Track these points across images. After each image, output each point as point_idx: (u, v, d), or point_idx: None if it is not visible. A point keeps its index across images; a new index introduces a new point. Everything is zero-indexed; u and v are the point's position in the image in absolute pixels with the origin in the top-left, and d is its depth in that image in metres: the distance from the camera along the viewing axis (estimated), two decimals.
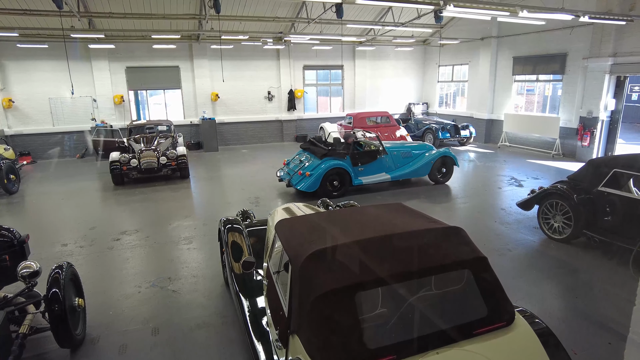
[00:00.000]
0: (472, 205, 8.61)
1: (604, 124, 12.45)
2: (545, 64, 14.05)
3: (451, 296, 2.82)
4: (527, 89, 15.79)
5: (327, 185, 9.17)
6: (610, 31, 11.65)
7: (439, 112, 19.42)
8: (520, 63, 15.01)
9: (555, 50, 13.60)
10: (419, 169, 10.00)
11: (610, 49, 11.75)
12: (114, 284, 5.41)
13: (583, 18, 9.88)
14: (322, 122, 17.58)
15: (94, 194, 10.22)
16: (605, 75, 11.97)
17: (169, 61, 16.08)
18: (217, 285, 5.29)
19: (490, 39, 15.87)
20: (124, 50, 15.29)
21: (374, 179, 9.71)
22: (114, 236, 7.14)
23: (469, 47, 17.11)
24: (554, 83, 14.30)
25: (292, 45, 17.19)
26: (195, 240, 6.86)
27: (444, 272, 2.64)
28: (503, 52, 15.75)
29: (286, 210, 4.74)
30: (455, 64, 18.39)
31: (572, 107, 13.23)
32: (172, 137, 12.35)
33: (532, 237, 6.75)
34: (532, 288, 5.10)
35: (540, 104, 15.18)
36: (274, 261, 3.41)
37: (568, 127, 13.37)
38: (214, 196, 9.81)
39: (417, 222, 3.02)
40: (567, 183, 6.45)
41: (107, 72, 15.26)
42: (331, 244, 2.64)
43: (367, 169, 9.69)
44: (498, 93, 16.20)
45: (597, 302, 4.77)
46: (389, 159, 9.89)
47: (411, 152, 10.13)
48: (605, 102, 12.21)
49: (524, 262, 5.89)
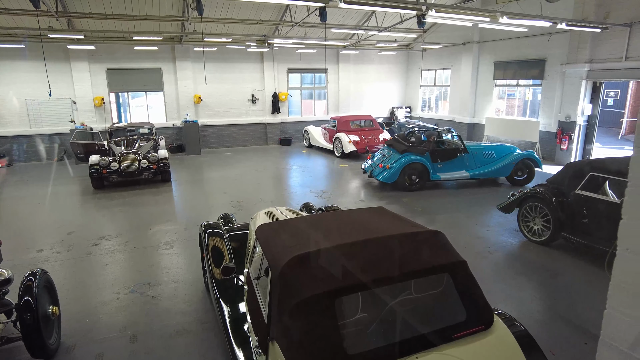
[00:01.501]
0: (454, 208, 8.69)
1: (582, 128, 12.74)
2: (525, 69, 14.33)
3: (431, 300, 2.82)
4: (507, 93, 16.06)
5: (405, 179, 9.86)
6: (587, 38, 11.95)
7: (421, 116, 19.62)
8: (501, 68, 15.28)
9: (535, 56, 13.89)
10: (500, 169, 10.22)
11: (586, 56, 12.05)
12: (91, 291, 5.28)
13: (561, 25, 10.11)
14: (306, 126, 17.57)
15: (72, 198, 9.99)
16: (582, 80, 12.26)
17: (151, 63, 15.87)
18: (197, 291, 5.21)
19: (471, 44, 16.12)
20: (105, 52, 15.04)
21: (453, 175, 10.14)
22: (92, 241, 6.99)
23: (451, 52, 17.35)
24: (534, 88, 14.58)
25: (276, 49, 17.16)
26: (176, 245, 6.76)
27: (424, 276, 2.65)
28: (484, 57, 16.01)
29: (268, 214, 4.70)
30: (437, 69, 18.61)
31: (551, 111, 13.51)
32: (153, 139, 12.17)
33: (513, 239, 6.85)
34: (512, 290, 5.16)
35: (520, 108, 15.46)
36: (255, 266, 3.37)
37: (547, 130, 13.64)
38: (196, 200, 9.69)
39: (398, 226, 3.02)
40: (546, 186, 6.56)
41: (87, 74, 14.98)
42: (311, 249, 2.62)
43: (446, 166, 10.14)
44: (479, 97, 16.45)
45: (575, 304, 4.85)
46: (470, 158, 10.25)
47: (494, 153, 10.39)
48: (582, 107, 12.51)
49: (504, 264, 5.96)
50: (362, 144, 14.34)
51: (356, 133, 14.78)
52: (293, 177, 11.97)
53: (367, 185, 10.76)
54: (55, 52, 14.44)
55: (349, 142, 14.26)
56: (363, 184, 10.87)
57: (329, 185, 10.81)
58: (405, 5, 8.87)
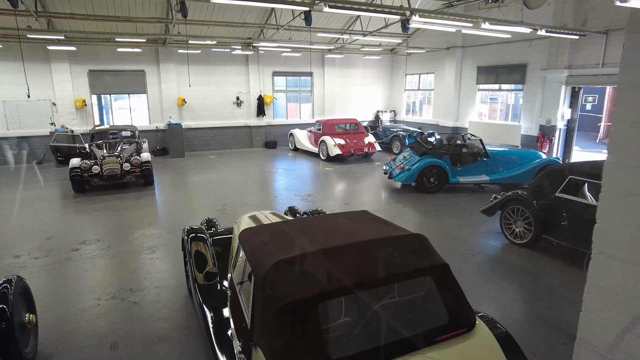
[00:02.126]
0: (437, 211, 8.77)
1: (561, 132, 13.02)
2: (507, 74, 14.59)
3: (414, 303, 2.84)
4: (490, 97, 16.33)
5: (424, 181, 10.05)
6: (566, 44, 12.23)
7: (406, 119, 19.79)
8: (484, 73, 15.53)
9: (516, 61, 14.16)
10: (522, 174, 10.15)
11: (565, 61, 12.34)
12: (71, 297, 5.16)
13: (541, 31, 10.33)
14: (291, 129, 17.56)
15: (52, 202, 9.78)
16: (562, 85, 12.54)
17: (134, 65, 15.67)
18: (180, 296, 5.14)
19: (455, 48, 16.35)
20: (87, 53, 14.79)
21: (472, 179, 10.22)
22: (72, 246, 6.84)
23: (435, 57, 17.56)
24: (516, 92, 14.85)
25: (261, 52, 17.13)
26: (159, 250, 6.67)
27: (406, 279, 2.66)
28: (467, 62, 16.25)
29: (252, 218, 4.67)
30: (421, 73, 18.82)
31: (533, 115, 13.78)
32: (136, 142, 12.01)
33: (495, 242, 6.94)
34: (495, 292, 5.23)
35: (503, 112, 15.73)
36: (238, 271, 3.35)
37: (529, 134, 13.90)
38: (179, 204, 9.59)
39: (381, 230, 3.04)
40: (527, 189, 6.68)
41: (68, 75, 14.71)
42: (295, 254, 2.61)
43: (466, 170, 10.26)
44: (463, 101, 16.68)
45: (555, 305, 4.94)
46: (492, 163, 10.29)
47: (516, 158, 10.40)
48: (562, 111, 12.79)
49: (487, 266, 6.04)
50: (348, 148, 14.39)
51: (341, 136, 14.83)
52: (278, 180, 11.94)
53: (350, 188, 10.79)
54: (35, 52, 14.15)
55: (334, 145, 14.29)
56: (347, 187, 10.90)
57: (315, 189, 10.81)
58: (390, 10, 8.95)
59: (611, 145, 1.71)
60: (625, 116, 1.69)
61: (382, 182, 11.61)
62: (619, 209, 1.64)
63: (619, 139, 1.73)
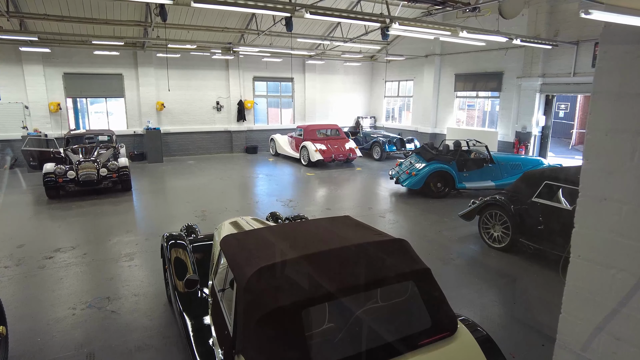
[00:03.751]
0: (417, 216, 8.87)
1: (536, 138, 13.39)
2: (484, 81, 14.94)
3: (396, 308, 2.86)
4: (468, 104, 16.68)
5: (431, 186, 10.21)
6: (540, 54, 12.62)
7: (385, 125, 20.00)
8: (462, 80, 15.86)
9: (493, 69, 14.52)
10: None
11: (539, 70, 12.72)
12: (44, 307, 4.99)
13: (516, 41, 10.63)
14: (272, 134, 17.51)
15: (24, 208, 9.46)
16: (536, 93, 12.92)
17: (111, 68, 15.38)
18: (159, 304, 5.04)
19: (433, 56, 16.65)
20: (61, 55, 14.44)
21: (478, 184, 10.36)
22: (46, 254, 6.63)
23: (414, 64, 17.84)
24: (492, 99, 15.22)
25: (242, 56, 17.07)
26: (137, 257, 6.52)
27: (389, 284, 2.68)
28: (445, 69, 16.57)
29: (233, 224, 4.63)
30: (401, 80, 19.08)
31: (509, 122, 14.13)
32: (113, 147, 11.76)
33: (474, 246, 7.06)
34: (474, 296, 5.31)
35: (480, 119, 16.07)
36: (220, 278, 3.30)
37: (505, 140, 14.24)
38: (158, 210, 9.42)
39: (363, 235, 3.05)
40: (505, 194, 6.83)
41: (42, 78, 14.31)
42: (277, 260, 2.60)
43: (472, 175, 10.36)
44: (441, 108, 16.97)
45: (532, 307, 5.05)
46: (497, 169, 10.39)
47: (520, 164, 10.53)
48: (537, 118, 13.16)
49: (466, 270, 6.13)
50: (329, 153, 14.43)
51: (322, 142, 14.87)
52: (259, 185, 11.87)
53: (332, 193, 10.81)
54: (6, 54, 13.72)
55: (315, 150, 14.31)
56: (329, 193, 10.92)
57: (296, 194, 10.79)
58: (370, 17, 9.06)
59: (587, 152, 1.77)
60: (600, 124, 1.75)
61: (363, 187, 11.68)
62: (595, 213, 1.69)
63: (594, 146, 1.79)
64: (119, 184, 10.78)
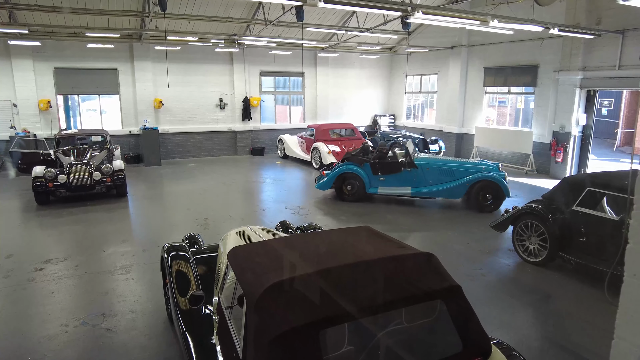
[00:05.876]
0: (443, 227, 8.82)
1: (576, 139, 13.23)
2: (517, 75, 14.82)
3: (423, 330, 2.85)
4: (498, 101, 16.57)
5: (343, 189, 10.54)
6: (579, 44, 12.49)
7: (406, 124, 19.97)
8: (492, 74, 15.76)
9: (527, 61, 14.40)
10: (450, 189, 9.83)
11: (579, 63, 12.58)
12: (34, 323, 5.08)
13: (553, 30, 10.54)
14: (281, 134, 17.60)
15: (11, 215, 9.64)
16: (576, 89, 12.77)
17: (105, 63, 15.64)
18: (159, 322, 5.09)
19: (460, 47, 16.59)
20: (52, 49, 14.73)
21: (393, 190, 10.30)
22: (35, 265, 6.75)
23: (438, 56, 17.80)
24: (526, 95, 15.09)
25: (248, 49, 17.22)
26: (134, 270, 6.61)
27: (415, 303, 2.68)
28: (473, 62, 16.49)
29: (240, 234, 4.67)
30: (423, 74, 19.04)
31: (545, 121, 13.99)
32: (107, 149, 11.94)
33: (507, 260, 6.99)
34: (507, 316, 5.26)
35: (512, 117, 15.95)
36: (227, 294, 3.33)
37: (541, 142, 14.09)
38: (156, 218, 9.52)
39: (386, 247, 3.06)
40: (542, 202, 6.76)
41: (31, 73, 14.60)
42: (292, 275, 2.61)
43: (389, 180, 10.31)
44: (468, 105, 16.88)
45: (574, 330, 4.98)
46: (419, 174, 10.12)
47: (454, 171, 9.94)
48: (576, 117, 13.00)
49: (497, 287, 6.07)
50: (343, 155, 14.44)
51: (336, 143, 14.90)
52: (266, 191, 11.93)
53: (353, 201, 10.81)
54: None
55: (328, 152, 14.34)
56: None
57: (307, 201, 10.82)
58: (390, 5, 9.08)
59: None
60: None
61: None
62: None
63: None
64: (113, 189, 10.92)
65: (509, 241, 7.35)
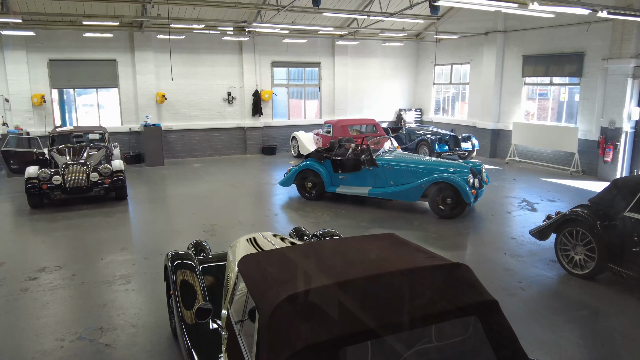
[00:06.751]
0: (476, 234, 8.75)
1: (628, 136, 12.98)
2: (560, 64, 14.63)
3: (455, 349, 2.83)
4: (539, 93, 16.36)
5: (305, 187, 10.98)
6: (632, 29, 12.26)
7: (434, 120, 19.84)
8: (531, 63, 15.58)
9: (571, 48, 14.20)
10: (405, 192, 9.92)
11: (632, 50, 12.35)
12: (28, 337, 5.19)
13: (601, 13, 10.35)
14: (294, 131, 17.66)
15: (3, 219, 9.88)
16: (628, 79, 12.54)
17: (103, 53, 15.90)
18: (162, 338, 5.15)
19: (495, 33, 16.44)
20: (47, 39, 15.04)
21: (351, 190, 10.60)
22: (29, 274, 6.89)
23: (471, 43, 17.66)
24: (570, 87, 14.87)
25: (258, 37, 17.33)
26: (135, 280, 6.70)
27: (447, 319, 2.66)
28: (511, 50, 16.32)
29: (251, 241, 4.70)
30: (454, 63, 18.91)
31: (592, 115, 13.77)
32: (105, 147, 12.15)
33: (549, 272, 6.91)
34: (550, 335, 5.19)
35: (555, 112, 15.72)
36: (237, 307, 3.36)
37: (588, 139, 13.87)
38: (159, 223, 9.64)
39: (413, 257, 3.05)
40: (589, 207, 6.65)
41: (24, 66, 14.93)
42: (309, 287, 2.63)
43: (350, 178, 10.64)
44: (505, 98, 16.71)
45: (626, 353, 4.89)
46: (380, 173, 10.24)
47: (417, 170, 9.90)
48: (629, 111, 12.76)
49: (538, 303, 6.01)
50: None
51: (356, 140, 14.86)
52: (278, 194, 11.98)
53: (369, 204, 10.79)
54: None
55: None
56: (364, 203, 10.89)
57: None
58: None
59: None
60: None
61: None
62: None
63: None
64: (112, 192, 11.10)
65: (550, 251, 7.22)
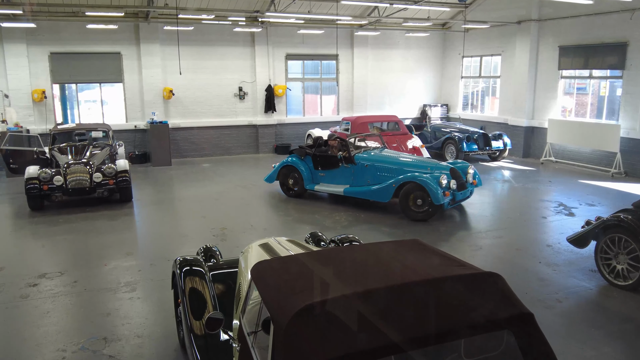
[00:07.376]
0: (508, 241, 8.67)
1: None
2: (600, 55, 14.42)
3: None
4: (577, 87, 16.16)
5: (288, 183, 11.60)
6: None
7: (462, 116, 19.70)
8: (569, 54, 15.38)
9: (612, 38, 13.99)
10: (376, 192, 10.14)
11: None
12: (28, 347, 5.27)
13: None
14: (310, 128, 17.68)
15: (2, 222, 10.06)
16: None
17: (107, 46, 16.09)
18: (169, 349, 5.20)
19: (529, 22, 16.27)
20: (48, 31, 15.27)
21: (329, 188, 11.05)
22: (29, 280, 7.00)
23: (502, 33, 17.50)
24: (612, 80, 14.65)
25: (272, 28, 17.38)
26: (140, 287, 6.76)
27: (477, 333, 2.64)
28: (546, 40, 16.14)
29: (264, 247, 4.72)
30: (484, 55, 18.77)
31: (636, 111, 13.55)
32: (109, 146, 12.28)
33: (588, 283, 6.81)
34: (589, 351, 5.13)
35: (594, 107, 15.51)
36: (249, 318, 3.37)
37: (631, 137, 13.66)
38: (165, 227, 9.72)
39: (440, 265, 3.03)
40: (632, 212, 6.55)
41: (25, 59, 15.18)
42: (327, 296, 2.63)
43: (329, 176, 11.10)
44: (540, 93, 16.53)
45: None
46: (357, 171, 10.59)
47: (393, 169, 10.15)
48: None
49: (577, 316, 5.94)
50: None
51: (375, 139, 14.83)
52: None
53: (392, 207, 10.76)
54: None
55: None
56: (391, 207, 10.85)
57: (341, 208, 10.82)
58: None
59: None
60: None
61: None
62: None
63: None
64: (116, 193, 11.22)
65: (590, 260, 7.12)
